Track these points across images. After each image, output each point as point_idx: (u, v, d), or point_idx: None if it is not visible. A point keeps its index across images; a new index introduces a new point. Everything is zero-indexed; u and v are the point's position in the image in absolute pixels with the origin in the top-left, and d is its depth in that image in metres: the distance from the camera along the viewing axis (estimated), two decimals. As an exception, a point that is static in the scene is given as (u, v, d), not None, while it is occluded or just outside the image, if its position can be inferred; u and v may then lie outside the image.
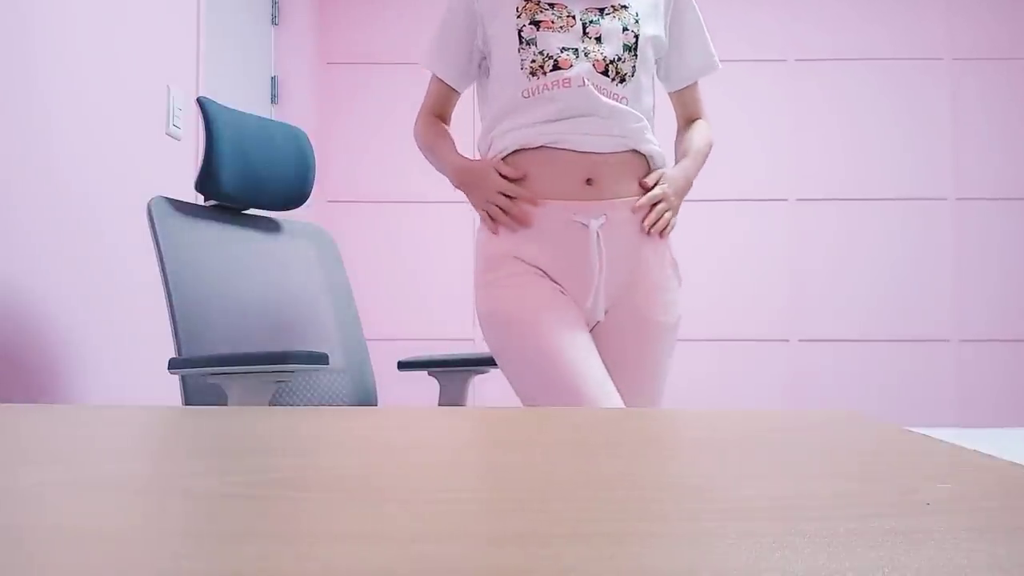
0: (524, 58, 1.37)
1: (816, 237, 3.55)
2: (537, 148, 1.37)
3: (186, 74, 2.17)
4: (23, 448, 0.50)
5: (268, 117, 3.03)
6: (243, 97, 2.87)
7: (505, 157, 1.41)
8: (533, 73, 1.36)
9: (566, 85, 1.35)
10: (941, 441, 0.53)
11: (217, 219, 1.61)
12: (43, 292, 1.53)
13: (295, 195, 1.68)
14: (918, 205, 3.54)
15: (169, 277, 1.44)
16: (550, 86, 1.35)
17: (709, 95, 1.65)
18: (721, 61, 1.62)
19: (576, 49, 1.36)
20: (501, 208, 1.38)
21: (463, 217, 3.68)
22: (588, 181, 1.36)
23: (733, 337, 3.54)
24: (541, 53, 1.36)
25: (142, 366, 1.87)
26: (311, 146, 1.74)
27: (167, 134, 2.04)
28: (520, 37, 1.37)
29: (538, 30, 1.36)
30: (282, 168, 1.64)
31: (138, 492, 0.37)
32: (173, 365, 1.33)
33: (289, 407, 1.07)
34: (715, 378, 3.53)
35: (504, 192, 1.38)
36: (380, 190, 3.66)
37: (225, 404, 1.34)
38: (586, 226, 1.35)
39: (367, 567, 0.25)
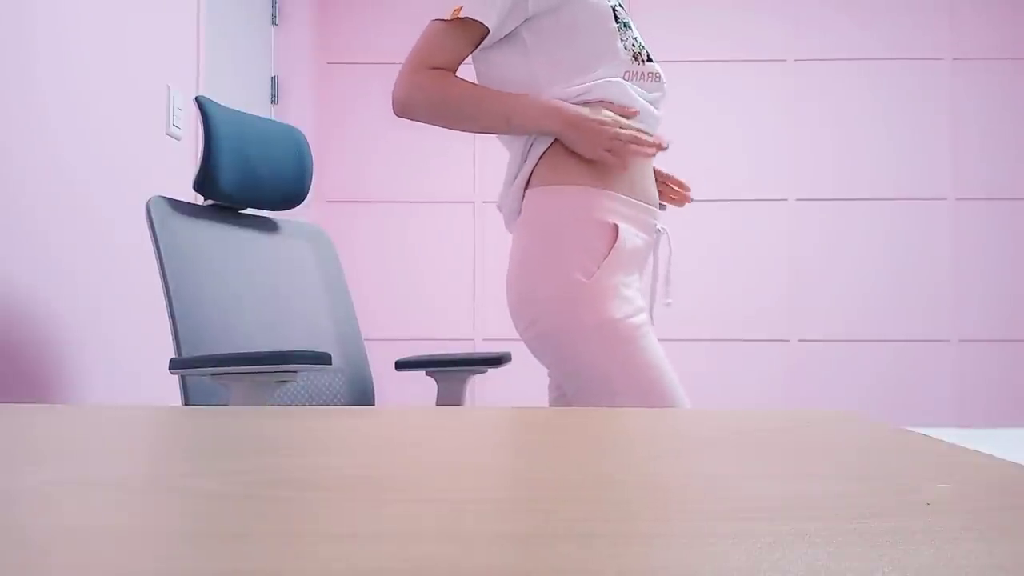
0: (625, 39, 1.26)
1: (816, 237, 3.55)
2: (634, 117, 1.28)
3: (186, 74, 2.17)
4: (23, 448, 0.50)
5: (268, 117, 3.04)
6: (243, 97, 2.87)
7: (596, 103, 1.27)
8: (636, 57, 1.27)
9: (656, 80, 1.31)
10: (940, 441, 0.53)
11: (215, 219, 1.61)
12: (43, 292, 1.53)
13: (293, 195, 1.68)
14: (917, 205, 3.54)
15: (168, 277, 1.44)
16: (646, 76, 1.29)
17: (709, 94, 1.65)
18: (721, 61, 1.62)
19: (637, 40, 1.30)
20: (630, 142, 1.21)
21: (463, 217, 3.68)
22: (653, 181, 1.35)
23: (732, 337, 3.54)
24: (635, 39, 1.28)
25: (142, 366, 1.87)
26: (309, 146, 1.74)
27: (167, 134, 2.04)
28: (616, 16, 1.26)
29: (627, 12, 1.34)
30: (280, 168, 1.64)
31: (138, 492, 0.37)
32: (174, 365, 1.33)
33: (288, 407, 1.07)
34: (715, 378, 3.53)
35: (628, 129, 1.22)
36: (380, 190, 3.66)
37: (226, 404, 1.34)
38: (661, 232, 1.35)
39: (367, 567, 0.25)
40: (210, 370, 1.28)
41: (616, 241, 1.21)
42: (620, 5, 1.29)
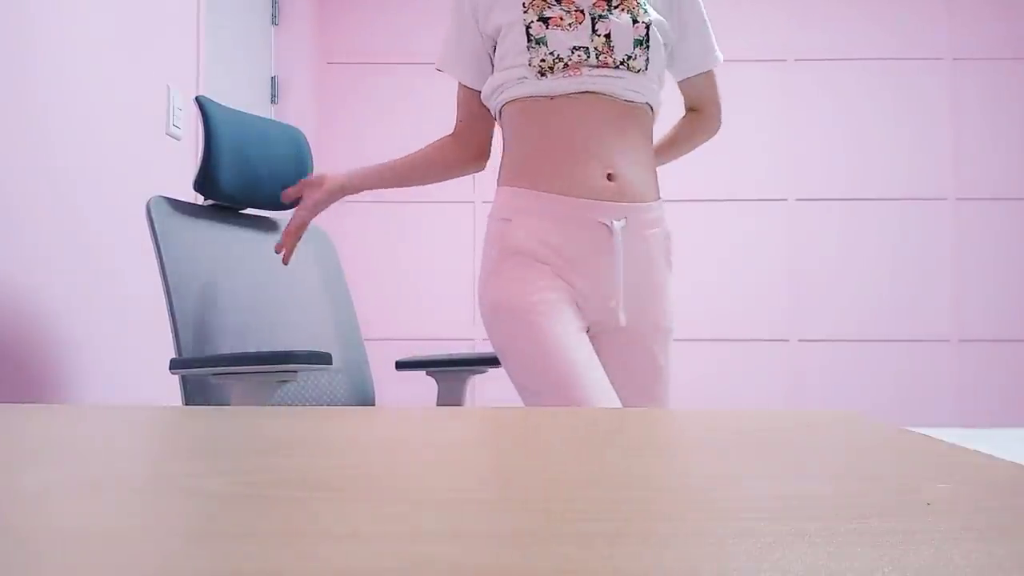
0: (532, 56, 1.31)
1: (816, 237, 3.55)
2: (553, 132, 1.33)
3: (186, 74, 2.17)
4: (24, 448, 0.50)
5: (268, 117, 3.04)
6: (243, 97, 2.87)
7: (509, 115, 1.37)
8: (543, 74, 1.31)
9: (576, 97, 1.32)
10: (941, 441, 0.53)
11: (215, 219, 1.61)
12: (43, 292, 1.53)
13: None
14: (918, 205, 3.54)
15: (168, 276, 1.44)
16: (561, 95, 1.32)
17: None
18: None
19: (586, 49, 1.31)
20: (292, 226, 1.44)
21: (462, 217, 3.68)
22: (609, 177, 1.33)
23: (733, 337, 3.54)
24: (551, 54, 1.31)
25: (142, 366, 1.87)
26: (308, 146, 1.74)
27: (167, 134, 2.04)
28: (528, 35, 1.31)
29: (547, 28, 1.30)
30: (280, 168, 1.64)
31: (138, 492, 0.37)
32: (174, 365, 1.33)
33: (288, 407, 1.07)
34: (715, 378, 3.53)
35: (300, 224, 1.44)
36: (379, 190, 3.66)
37: (226, 404, 1.34)
38: (609, 226, 1.32)
39: (367, 567, 0.25)
40: (210, 370, 1.28)
41: (506, 234, 1.34)
42: (539, 20, 1.32)
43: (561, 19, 1.31)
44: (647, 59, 1.34)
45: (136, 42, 1.90)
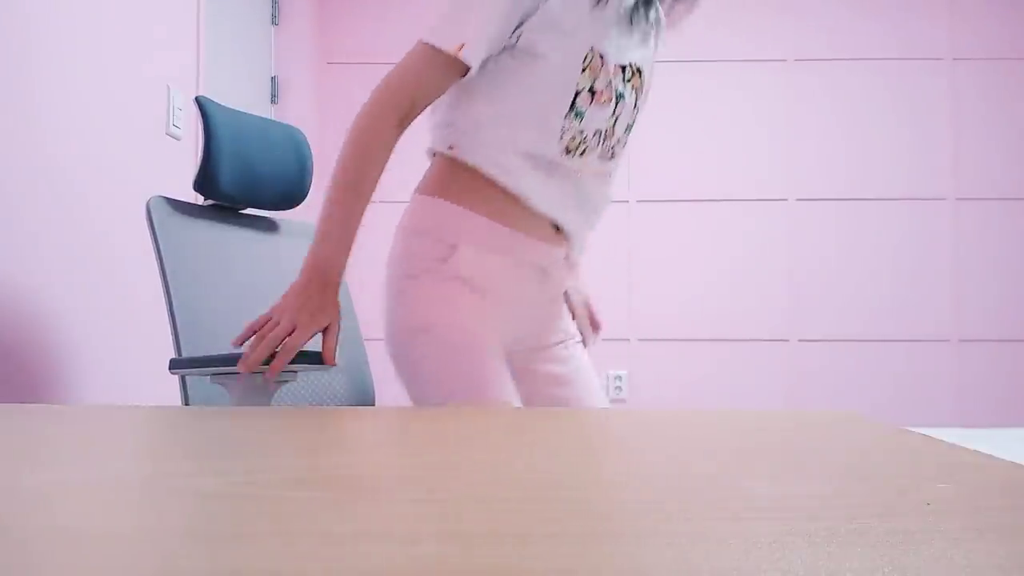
0: (565, 128, 1.17)
1: (816, 237, 3.55)
2: (514, 197, 1.20)
3: (186, 74, 2.17)
4: (23, 448, 0.50)
5: (268, 117, 3.03)
6: (243, 97, 2.87)
7: (463, 172, 1.20)
8: (567, 151, 1.19)
9: (579, 176, 1.23)
10: (941, 441, 0.53)
11: (215, 219, 1.61)
12: (43, 292, 1.53)
13: (293, 195, 1.68)
14: (918, 205, 3.54)
15: (168, 277, 1.44)
16: (570, 171, 1.22)
17: (708, 94, 1.64)
18: (721, 61, 1.62)
19: (601, 132, 1.21)
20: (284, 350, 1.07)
21: (463, 217, 3.68)
22: (557, 229, 1.26)
23: (733, 337, 3.54)
24: (581, 132, 1.19)
25: (142, 366, 1.87)
26: (309, 146, 1.74)
27: (167, 134, 2.04)
28: (574, 103, 1.17)
29: (591, 102, 1.17)
30: (280, 168, 1.64)
31: (138, 492, 0.37)
32: (174, 365, 1.33)
33: (288, 407, 1.07)
34: (715, 378, 3.53)
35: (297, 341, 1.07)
36: (379, 190, 3.66)
37: (225, 404, 1.34)
38: (546, 269, 1.26)
39: (367, 567, 0.25)
40: (210, 370, 1.27)
41: (449, 259, 1.18)
42: (589, 90, 1.16)
43: (603, 94, 1.18)
44: (625, 142, 1.29)
45: (136, 42, 1.90)
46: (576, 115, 1.17)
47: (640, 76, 1.24)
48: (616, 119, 1.22)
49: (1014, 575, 0.24)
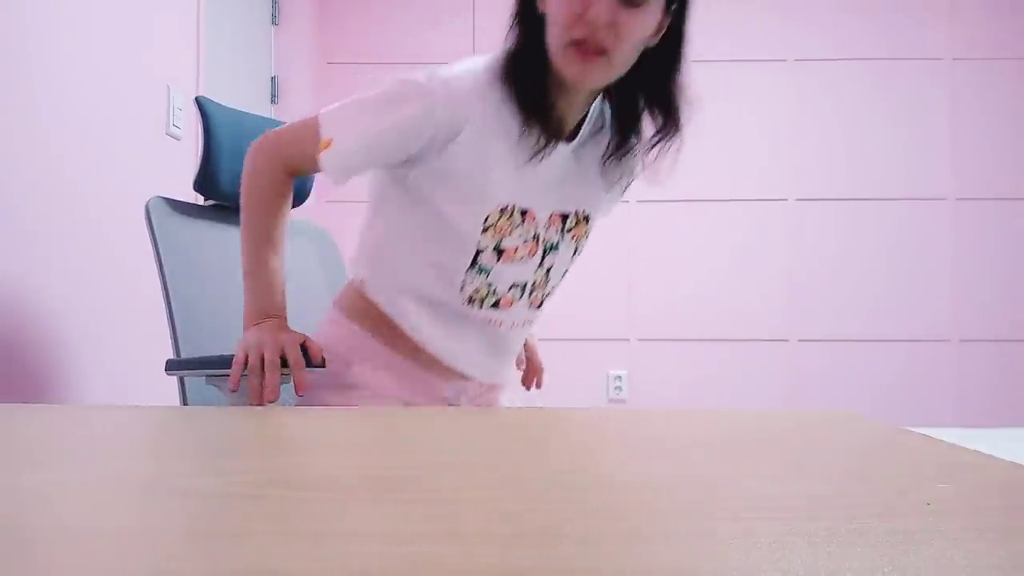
0: (467, 281, 1.10)
1: (816, 237, 3.55)
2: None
3: (186, 74, 2.17)
4: (23, 448, 0.50)
5: (268, 117, 3.02)
6: (243, 97, 2.87)
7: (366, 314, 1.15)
8: (471, 301, 1.12)
9: (497, 327, 1.15)
10: (940, 441, 0.53)
11: (215, 219, 1.61)
12: (43, 292, 1.53)
13: (294, 195, 1.68)
14: (918, 205, 3.54)
15: (167, 277, 1.44)
16: (480, 320, 1.14)
17: (708, 94, 1.64)
18: (721, 61, 1.62)
19: (524, 285, 1.14)
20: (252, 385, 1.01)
21: (463, 217, 3.67)
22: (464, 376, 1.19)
23: (733, 337, 3.54)
24: (489, 286, 1.11)
25: (142, 366, 1.87)
26: (311, 146, 1.74)
27: (167, 134, 2.04)
28: (476, 260, 1.09)
29: (498, 260, 1.09)
30: (282, 168, 1.64)
31: (138, 492, 0.37)
32: (170, 366, 1.33)
33: (288, 407, 1.06)
34: (715, 378, 3.53)
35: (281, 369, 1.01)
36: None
37: (224, 405, 1.34)
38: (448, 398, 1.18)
39: (367, 567, 0.25)
40: (206, 371, 1.26)
41: (342, 374, 1.13)
42: (495, 249, 1.08)
43: (516, 251, 1.10)
44: (557, 287, 1.22)
45: (136, 42, 1.90)
46: (480, 271, 1.10)
47: (588, 223, 1.18)
48: (549, 269, 1.15)
49: (1014, 575, 0.24)
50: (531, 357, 1.43)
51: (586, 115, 1.11)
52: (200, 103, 1.55)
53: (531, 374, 1.43)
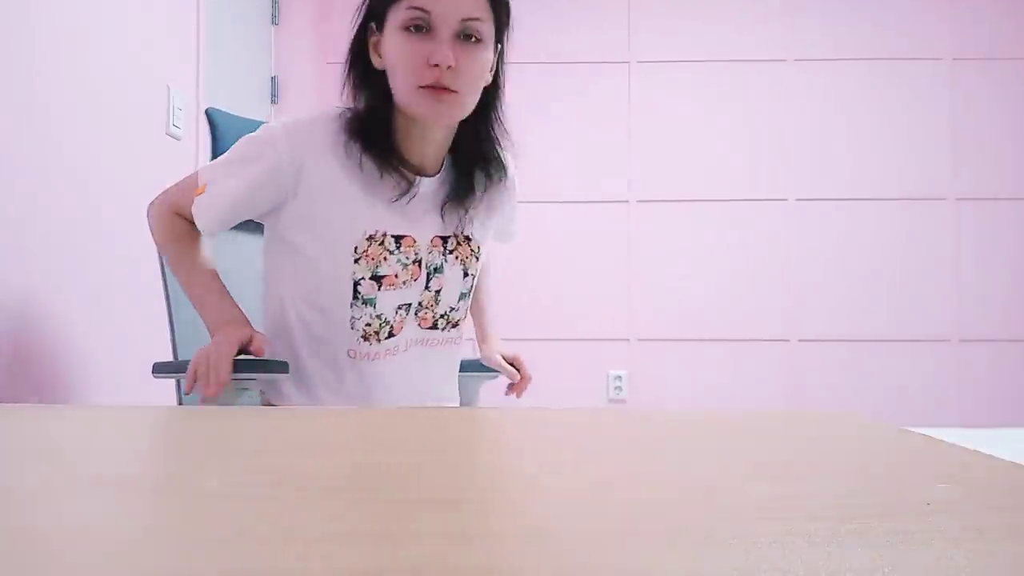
0: (356, 317, 1.13)
1: (816, 237, 3.55)
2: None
3: (186, 74, 2.17)
4: (23, 448, 0.50)
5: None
6: (243, 97, 2.87)
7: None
8: (366, 338, 1.15)
9: (392, 354, 1.18)
10: (941, 441, 0.53)
11: (217, 219, 1.61)
12: (43, 292, 1.53)
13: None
14: (918, 205, 3.54)
15: (168, 278, 1.44)
16: (381, 355, 1.17)
17: (709, 94, 1.64)
18: (721, 61, 1.62)
19: (408, 305, 1.17)
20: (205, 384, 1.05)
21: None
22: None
23: (733, 337, 3.54)
24: (379, 317, 1.14)
25: (142, 366, 1.87)
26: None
27: (167, 134, 2.04)
28: (356, 292, 1.12)
29: (379, 288, 1.13)
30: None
31: (138, 492, 0.37)
32: (157, 369, 1.29)
33: (287, 407, 1.07)
34: (715, 378, 3.53)
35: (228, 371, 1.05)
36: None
37: (224, 405, 1.33)
38: None
39: (367, 567, 0.24)
40: (179, 375, 1.22)
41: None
42: (372, 278, 1.12)
43: (396, 276, 1.14)
44: (467, 307, 1.25)
45: (136, 42, 1.90)
46: (364, 302, 1.13)
47: (470, 243, 1.21)
48: (438, 291, 1.19)
49: (1014, 575, 0.24)
50: (521, 368, 1.47)
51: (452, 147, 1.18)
52: (209, 115, 1.57)
53: (524, 382, 1.48)
